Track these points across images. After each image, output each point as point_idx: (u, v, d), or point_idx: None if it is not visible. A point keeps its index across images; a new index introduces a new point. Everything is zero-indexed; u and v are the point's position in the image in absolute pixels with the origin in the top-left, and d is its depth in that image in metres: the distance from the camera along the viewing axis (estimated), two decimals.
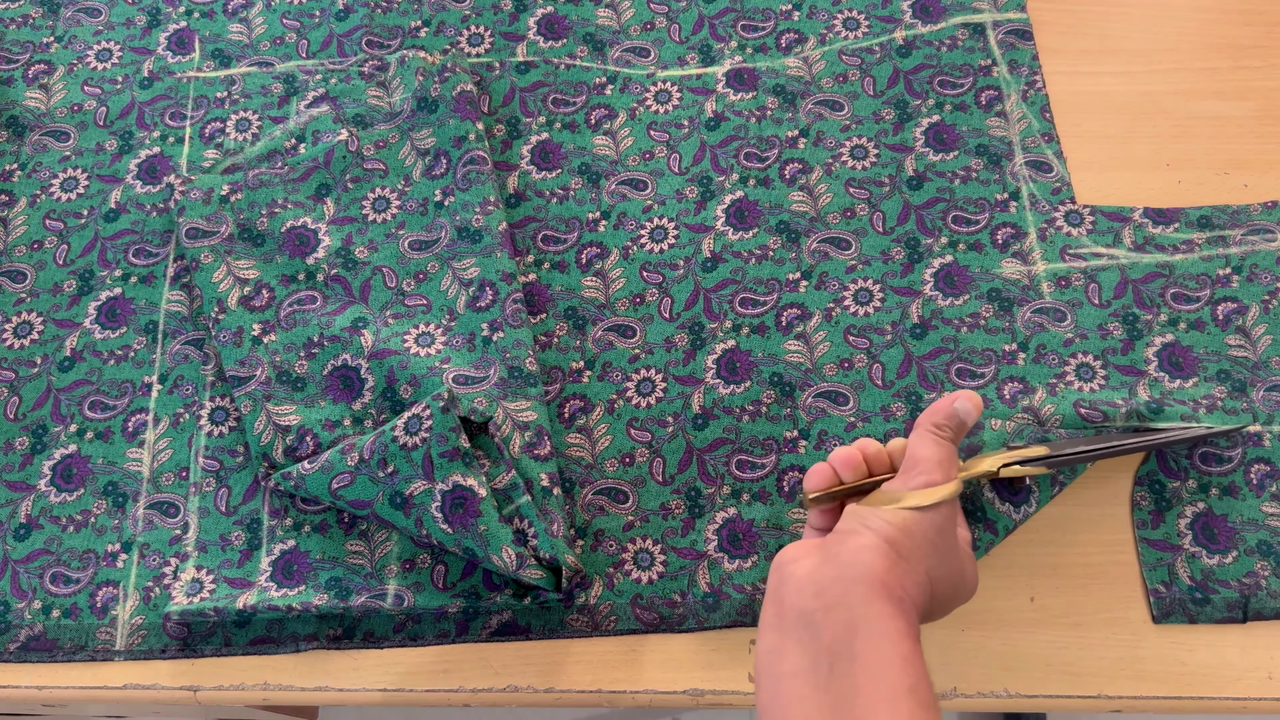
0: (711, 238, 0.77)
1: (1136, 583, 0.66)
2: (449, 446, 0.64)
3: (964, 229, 0.76)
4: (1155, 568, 0.66)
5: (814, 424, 0.71)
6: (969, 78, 0.82)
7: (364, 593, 0.66)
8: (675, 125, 0.81)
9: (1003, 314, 0.73)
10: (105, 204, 0.80)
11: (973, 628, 0.66)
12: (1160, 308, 0.73)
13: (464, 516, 0.63)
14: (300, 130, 0.81)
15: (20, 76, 0.85)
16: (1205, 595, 0.65)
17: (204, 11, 0.88)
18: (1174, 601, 0.65)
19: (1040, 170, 0.78)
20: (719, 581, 0.67)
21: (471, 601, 0.66)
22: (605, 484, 0.70)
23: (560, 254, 0.77)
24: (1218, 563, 0.66)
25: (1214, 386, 0.70)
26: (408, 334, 0.73)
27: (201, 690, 0.66)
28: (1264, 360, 0.71)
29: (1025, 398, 0.70)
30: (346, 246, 0.77)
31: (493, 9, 0.87)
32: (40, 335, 0.76)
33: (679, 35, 0.85)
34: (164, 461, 0.72)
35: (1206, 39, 0.83)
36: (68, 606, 0.68)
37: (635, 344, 0.74)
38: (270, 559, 0.68)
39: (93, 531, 0.70)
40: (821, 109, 0.81)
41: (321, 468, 0.66)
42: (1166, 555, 0.66)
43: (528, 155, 0.81)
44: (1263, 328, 0.72)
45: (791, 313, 0.74)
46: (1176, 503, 0.67)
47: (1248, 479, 0.68)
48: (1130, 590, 0.66)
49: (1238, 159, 0.78)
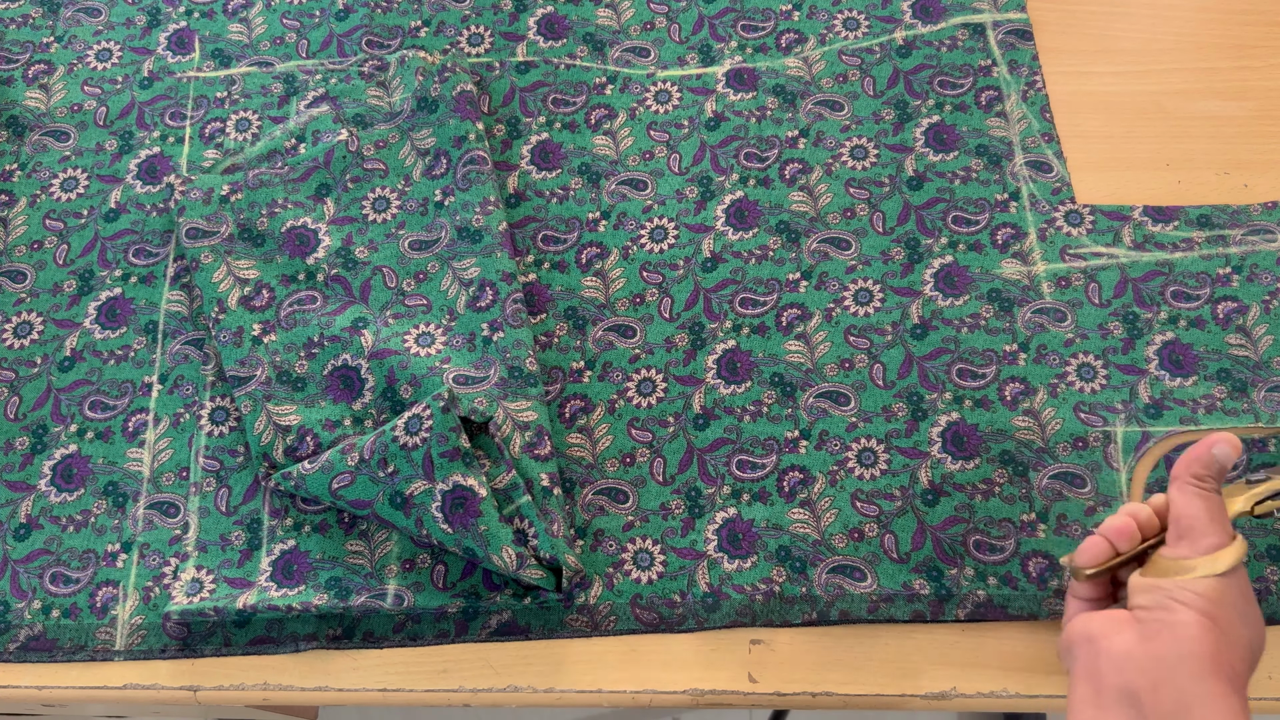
0: (711, 238, 0.77)
1: None
2: (449, 446, 0.64)
3: (964, 229, 0.76)
4: None
5: (815, 424, 0.71)
6: (969, 78, 0.82)
7: (364, 593, 0.66)
8: (675, 125, 0.81)
9: (1003, 314, 0.73)
10: (105, 204, 0.80)
11: (973, 628, 0.66)
12: (1160, 305, 0.73)
13: (464, 516, 0.63)
14: (300, 130, 0.81)
15: (20, 76, 0.85)
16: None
17: (204, 11, 0.88)
18: None
19: (1040, 170, 0.78)
20: (719, 582, 0.67)
21: (471, 601, 0.66)
22: (605, 484, 0.70)
23: (560, 254, 0.77)
24: None
25: (1214, 386, 0.70)
26: (408, 334, 0.73)
27: (201, 690, 0.66)
28: (1265, 360, 0.71)
29: (1026, 399, 0.70)
30: (346, 246, 0.77)
31: (493, 9, 0.87)
32: (40, 335, 0.76)
33: (679, 35, 0.85)
34: (164, 461, 0.72)
35: (1206, 39, 0.83)
36: (67, 606, 0.68)
37: (636, 344, 0.74)
38: (270, 559, 0.68)
39: (92, 531, 0.70)
40: (821, 109, 0.81)
41: (322, 468, 0.66)
42: None
43: (528, 155, 0.81)
44: (1263, 327, 0.72)
45: (792, 313, 0.74)
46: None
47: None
48: None
49: (1238, 159, 0.78)
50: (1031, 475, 0.69)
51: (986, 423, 0.70)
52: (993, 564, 0.67)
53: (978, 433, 0.70)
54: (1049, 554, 0.67)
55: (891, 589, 0.66)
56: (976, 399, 0.71)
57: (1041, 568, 0.66)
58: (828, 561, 0.67)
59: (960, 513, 0.68)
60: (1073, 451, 0.69)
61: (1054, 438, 0.69)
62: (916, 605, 0.66)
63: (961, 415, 0.70)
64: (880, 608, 0.66)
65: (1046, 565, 0.66)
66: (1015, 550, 0.67)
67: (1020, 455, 0.69)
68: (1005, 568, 0.66)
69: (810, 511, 0.68)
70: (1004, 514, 0.68)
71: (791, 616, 0.66)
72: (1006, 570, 0.66)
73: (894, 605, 0.66)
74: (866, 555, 0.67)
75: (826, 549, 0.67)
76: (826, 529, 0.68)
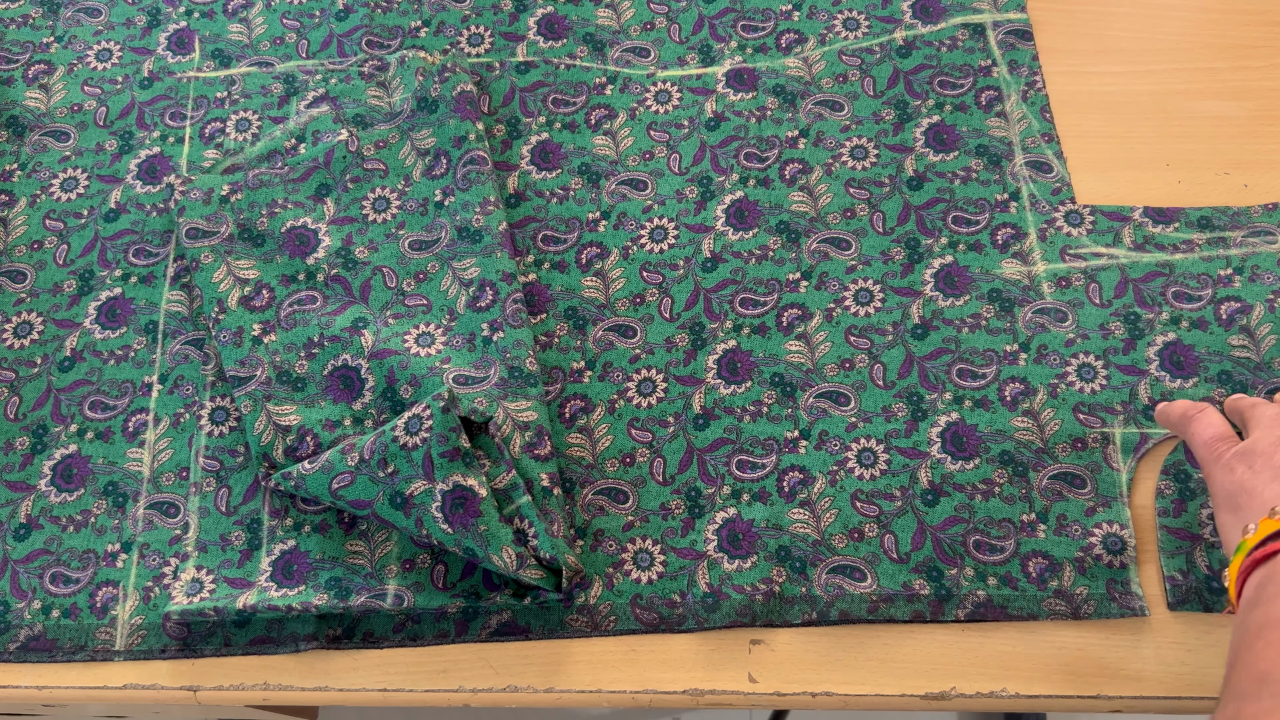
0: (711, 238, 0.77)
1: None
2: (449, 446, 0.64)
3: (964, 229, 0.76)
4: (1174, 555, 0.66)
5: (815, 424, 0.71)
6: (969, 78, 0.82)
7: (364, 593, 0.66)
8: (675, 125, 0.81)
9: (1004, 314, 0.73)
10: (105, 204, 0.80)
11: (973, 628, 0.66)
12: (1162, 306, 0.73)
13: (464, 517, 0.63)
14: (300, 130, 0.81)
15: (20, 76, 0.85)
16: (1222, 585, 0.65)
17: (204, 12, 0.88)
18: (1189, 589, 0.65)
19: (1040, 170, 0.78)
20: (718, 582, 0.67)
21: (471, 601, 0.66)
22: (605, 484, 0.70)
23: (560, 254, 0.77)
24: None
25: (1214, 388, 0.70)
26: (408, 334, 0.73)
27: (201, 690, 0.66)
28: (1266, 362, 0.71)
29: (1026, 400, 0.70)
30: (346, 246, 0.77)
31: (492, 9, 0.87)
32: (40, 335, 0.76)
33: (679, 35, 0.85)
34: (164, 461, 0.72)
35: (1206, 39, 0.83)
36: (67, 606, 0.68)
37: (636, 344, 0.74)
38: (270, 559, 0.68)
39: (92, 531, 0.70)
40: (822, 109, 0.81)
41: (322, 468, 0.66)
42: (1186, 544, 0.66)
43: (528, 155, 0.81)
44: (1268, 327, 0.72)
45: (792, 313, 0.74)
46: (1200, 493, 0.67)
47: None
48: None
49: (1238, 159, 0.78)
50: (1031, 475, 0.69)
51: (986, 423, 0.70)
52: (993, 564, 0.67)
53: (977, 433, 0.70)
54: (1049, 554, 0.67)
55: (891, 589, 0.66)
56: (976, 399, 0.71)
57: (1041, 568, 0.66)
58: (828, 562, 0.67)
59: (960, 513, 0.68)
60: (1072, 452, 0.69)
61: (1053, 438, 0.69)
62: (916, 605, 0.66)
63: (961, 415, 0.70)
64: (880, 608, 0.66)
65: (1046, 565, 0.66)
66: (1015, 550, 0.67)
67: (1020, 455, 0.69)
68: (1005, 568, 0.66)
69: (810, 511, 0.68)
70: (1004, 514, 0.68)
71: (791, 617, 0.66)
72: (1006, 570, 0.66)
73: (894, 605, 0.66)
74: (866, 555, 0.67)
75: (826, 549, 0.67)
76: (826, 529, 0.68)
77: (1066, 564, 0.66)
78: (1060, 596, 0.66)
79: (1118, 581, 0.66)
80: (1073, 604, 0.65)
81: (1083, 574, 0.66)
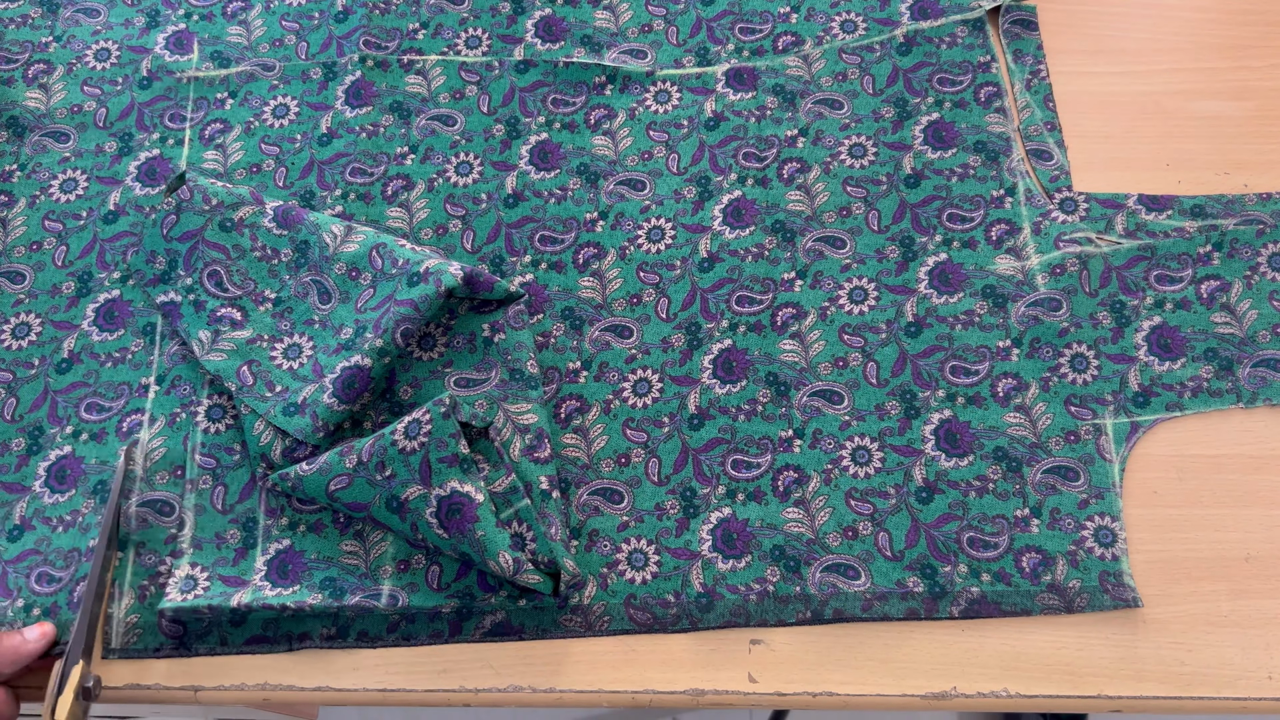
0: (708, 237, 0.77)
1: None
2: (448, 452, 0.64)
3: (959, 226, 0.76)
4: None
5: (809, 423, 0.71)
6: (968, 74, 0.82)
7: (359, 593, 0.66)
8: (675, 125, 0.81)
9: (996, 310, 0.73)
10: (104, 206, 0.80)
11: (973, 627, 0.65)
12: (1145, 291, 0.73)
13: (460, 522, 0.63)
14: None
15: (20, 76, 0.85)
16: None
17: (203, 14, 0.88)
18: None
19: (1040, 159, 0.78)
20: (713, 582, 0.67)
21: (466, 602, 0.66)
22: (601, 484, 0.70)
23: (557, 254, 0.77)
24: None
25: (1201, 367, 0.70)
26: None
27: (202, 690, 0.66)
28: (1250, 336, 0.71)
29: (1019, 395, 0.70)
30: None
31: (490, 11, 0.87)
32: (38, 336, 0.76)
33: (676, 38, 0.85)
34: (157, 460, 0.71)
35: (1206, 39, 0.83)
36: (48, 606, 0.68)
37: (632, 344, 0.74)
38: (265, 558, 0.68)
39: (79, 530, 0.70)
40: (821, 108, 0.81)
41: (319, 469, 0.66)
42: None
43: (526, 155, 0.81)
44: (1248, 303, 0.72)
45: (787, 312, 0.74)
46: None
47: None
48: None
49: (1238, 159, 0.78)
50: (1025, 470, 0.68)
51: (979, 420, 0.70)
52: (986, 560, 0.66)
53: (970, 429, 0.70)
54: (1042, 548, 0.66)
55: (885, 587, 0.66)
56: (969, 396, 0.71)
57: (1034, 562, 0.66)
58: (822, 560, 0.67)
59: (954, 510, 0.68)
60: (1065, 445, 0.69)
61: (1045, 432, 0.69)
62: (910, 603, 0.66)
63: (954, 412, 0.70)
64: (874, 606, 0.66)
65: (1039, 560, 0.66)
66: (1009, 546, 0.67)
67: (1014, 451, 0.69)
68: (999, 564, 0.66)
69: (804, 510, 0.68)
70: (998, 510, 0.68)
71: (786, 616, 0.66)
72: (1000, 566, 0.66)
73: (888, 603, 0.66)
74: (860, 553, 0.67)
75: (821, 548, 0.67)
76: (821, 528, 0.68)
77: (1059, 558, 0.66)
78: (1053, 591, 0.65)
79: (1110, 573, 0.66)
80: (1066, 597, 0.65)
81: (1075, 567, 0.66)
